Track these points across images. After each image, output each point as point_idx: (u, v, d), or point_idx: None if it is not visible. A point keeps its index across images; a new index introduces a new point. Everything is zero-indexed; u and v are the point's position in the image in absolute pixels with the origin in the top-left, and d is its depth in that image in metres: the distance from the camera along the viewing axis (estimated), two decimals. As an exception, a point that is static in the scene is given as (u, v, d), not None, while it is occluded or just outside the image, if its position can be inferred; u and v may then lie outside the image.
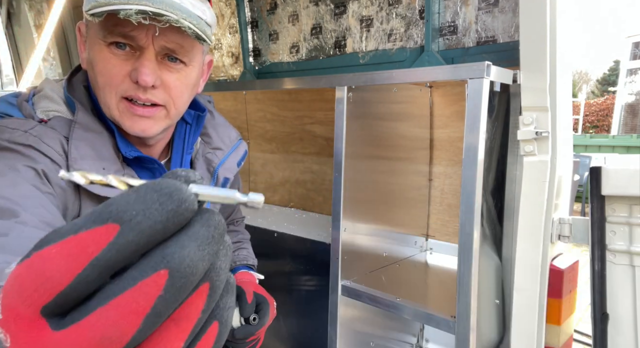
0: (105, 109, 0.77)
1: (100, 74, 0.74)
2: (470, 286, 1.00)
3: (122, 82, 0.74)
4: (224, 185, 0.99)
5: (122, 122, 0.76)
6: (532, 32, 0.98)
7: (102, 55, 0.73)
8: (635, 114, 13.61)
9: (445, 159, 1.51)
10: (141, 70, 0.72)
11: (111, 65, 0.73)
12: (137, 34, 0.71)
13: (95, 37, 0.73)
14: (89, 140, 0.75)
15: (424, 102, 1.49)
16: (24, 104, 0.77)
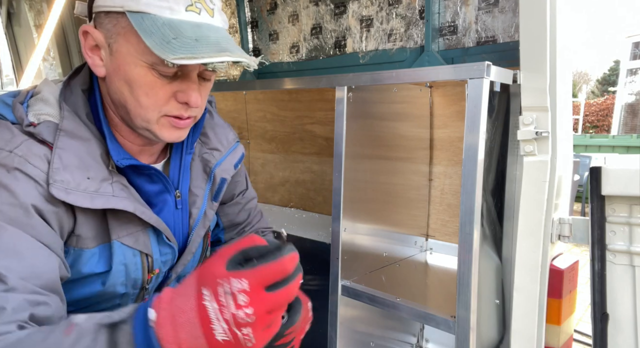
0: (142, 123, 0.77)
1: (145, 95, 0.74)
2: (470, 286, 1.00)
3: (167, 103, 0.76)
4: (221, 186, 0.98)
5: (160, 133, 0.78)
6: (532, 32, 0.98)
7: (147, 78, 0.73)
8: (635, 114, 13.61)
9: (445, 159, 1.51)
10: (192, 94, 0.75)
11: (157, 87, 0.74)
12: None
13: (134, 57, 0.72)
14: (73, 148, 0.74)
15: (424, 102, 1.49)
16: (17, 106, 0.76)
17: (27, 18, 2.82)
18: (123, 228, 0.79)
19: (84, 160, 0.74)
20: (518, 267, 1.06)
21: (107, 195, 0.75)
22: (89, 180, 0.73)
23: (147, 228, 0.82)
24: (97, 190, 0.74)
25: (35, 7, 2.78)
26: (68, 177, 0.71)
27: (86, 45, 0.76)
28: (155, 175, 0.84)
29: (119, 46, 0.73)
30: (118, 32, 0.72)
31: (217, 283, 0.52)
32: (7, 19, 2.88)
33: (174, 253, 0.89)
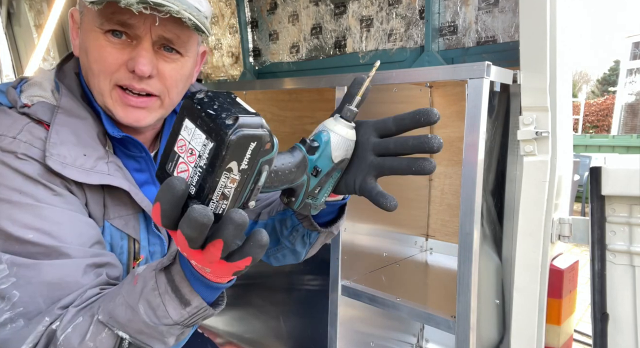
0: (99, 97, 0.77)
1: (95, 62, 0.73)
2: (470, 286, 1.00)
3: (118, 70, 0.74)
4: None
5: (115, 111, 0.76)
6: (532, 32, 0.98)
7: (98, 43, 0.72)
8: (635, 114, 13.61)
9: (445, 159, 1.51)
10: (138, 60, 0.72)
11: (107, 53, 0.73)
12: (135, 23, 0.71)
13: (90, 24, 0.73)
14: (71, 125, 0.75)
15: (424, 102, 1.49)
16: (10, 90, 0.77)
17: (27, 18, 2.82)
18: (115, 210, 0.79)
19: (81, 138, 0.75)
20: (518, 267, 1.06)
21: (103, 173, 0.75)
22: (85, 157, 0.74)
23: (137, 214, 0.82)
24: (93, 167, 0.74)
25: (35, 7, 2.78)
26: (65, 152, 0.72)
27: (73, 28, 0.78)
28: (144, 161, 0.84)
29: (84, 17, 0.75)
30: (84, 5, 0.73)
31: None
32: (7, 19, 2.88)
33: (162, 245, 0.88)
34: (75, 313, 0.63)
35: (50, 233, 0.67)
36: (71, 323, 0.62)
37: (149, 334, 0.61)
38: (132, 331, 0.61)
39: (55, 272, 0.65)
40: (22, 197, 0.67)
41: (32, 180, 0.69)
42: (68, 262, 0.67)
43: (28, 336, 0.62)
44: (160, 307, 0.60)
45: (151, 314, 0.60)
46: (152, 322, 0.60)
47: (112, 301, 0.62)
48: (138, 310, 0.60)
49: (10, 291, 0.63)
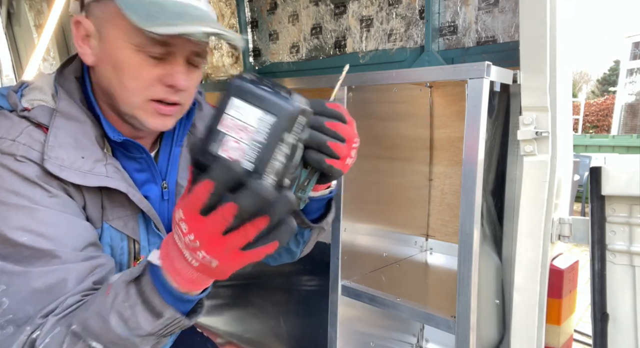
0: (126, 108, 0.78)
1: (130, 78, 0.75)
2: (470, 286, 1.00)
3: (153, 85, 0.76)
4: None
5: (145, 120, 0.79)
6: (532, 32, 0.98)
7: (133, 60, 0.74)
8: (635, 114, 13.61)
9: (445, 159, 1.51)
10: (179, 77, 0.76)
11: (144, 71, 0.75)
12: (177, 42, 0.74)
13: (120, 40, 0.73)
14: (69, 128, 0.76)
15: (424, 102, 1.49)
16: (11, 94, 0.78)
17: (27, 18, 2.82)
18: (114, 212, 0.80)
19: (79, 140, 0.76)
20: (518, 267, 1.06)
21: (101, 175, 0.76)
22: (83, 159, 0.75)
23: (136, 214, 0.83)
24: (90, 169, 0.75)
25: (35, 7, 2.78)
26: (63, 155, 0.73)
27: (78, 35, 0.77)
28: (144, 161, 0.85)
29: (108, 31, 0.74)
30: (107, 18, 0.74)
31: (174, 216, 0.56)
32: (7, 19, 2.88)
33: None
34: (54, 322, 0.63)
35: (44, 235, 0.67)
36: (49, 334, 0.62)
37: (123, 345, 0.61)
38: (105, 342, 0.61)
39: (44, 279, 0.65)
40: (18, 199, 0.68)
41: (30, 182, 0.70)
42: (59, 268, 0.67)
43: (12, 345, 0.62)
44: (131, 319, 0.59)
45: (123, 326, 0.60)
46: (124, 334, 0.60)
47: (86, 311, 0.62)
48: (109, 322, 0.60)
49: (0, 298, 0.64)
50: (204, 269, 0.55)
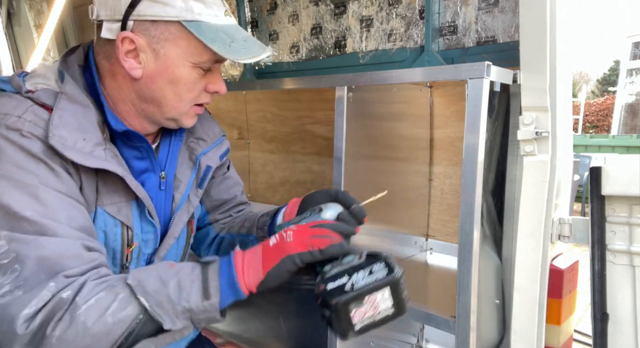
0: (174, 114, 0.88)
1: (185, 91, 0.85)
2: (470, 286, 1.00)
3: (201, 93, 0.88)
4: (206, 174, 1.02)
5: (185, 121, 0.90)
6: (532, 32, 0.98)
7: (191, 76, 0.84)
8: (635, 114, 13.61)
9: (445, 159, 1.51)
10: (222, 84, 0.89)
11: (197, 83, 0.86)
12: (223, 58, 0.85)
13: (181, 59, 0.82)
14: (72, 110, 0.79)
15: (424, 102, 1.49)
16: (14, 78, 0.81)
17: (27, 18, 2.82)
18: (108, 197, 0.83)
19: (81, 123, 0.79)
20: (518, 267, 1.06)
21: (100, 158, 0.79)
22: (85, 141, 0.78)
23: (130, 201, 0.86)
24: (91, 152, 0.78)
25: (35, 7, 2.78)
26: (65, 135, 0.75)
27: (123, 49, 0.81)
28: (145, 150, 0.89)
29: (167, 51, 0.82)
30: (166, 38, 0.81)
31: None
32: (7, 19, 2.88)
33: (155, 232, 0.92)
34: (94, 286, 0.68)
35: (45, 214, 0.70)
36: (93, 296, 0.67)
37: (166, 309, 0.69)
38: (153, 301, 0.69)
39: (54, 247, 0.68)
40: (24, 175, 0.71)
41: (35, 157, 0.72)
42: (65, 240, 0.70)
43: (31, 299, 0.64)
44: (186, 289, 0.70)
45: (176, 291, 0.70)
46: (174, 298, 0.69)
47: (144, 272, 0.72)
48: (168, 284, 0.70)
49: (12, 265, 0.66)
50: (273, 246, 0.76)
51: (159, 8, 0.79)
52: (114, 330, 0.67)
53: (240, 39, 0.83)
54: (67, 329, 0.65)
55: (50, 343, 0.64)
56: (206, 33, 0.80)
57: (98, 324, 0.66)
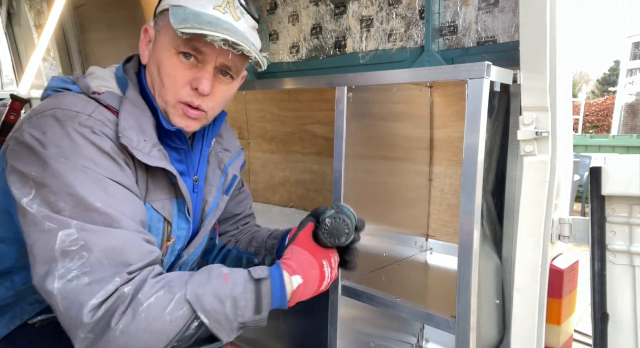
0: (161, 103, 0.90)
1: (166, 76, 0.88)
2: (470, 286, 1.00)
3: (183, 87, 0.88)
4: (233, 182, 1.11)
5: (172, 117, 0.90)
6: (532, 32, 0.98)
7: (171, 61, 0.87)
8: (635, 114, 13.61)
9: (445, 159, 1.51)
10: (202, 81, 0.87)
11: (177, 71, 0.87)
12: (206, 50, 0.86)
13: (166, 43, 0.87)
14: (134, 114, 0.86)
15: (424, 102, 1.49)
16: (79, 79, 0.88)
17: (27, 18, 2.82)
18: (156, 193, 0.90)
19: (142, 126, 0.87)
20: (518, 267, 1.06)
21: (157, 158, 0.87)
22: (145, 142, 0.85)
23: (172, 199, 0.94)
24: (149, 152, 0.85)
25: (35, 7, 2.78)
26: (131, 136, 0.83)
27: (143, 40, 0.93)
28: (184, 153, 0.97)
29: (160, 37, 0.89)
30: (162, 25, 0.88)
31: (329, 257, 0.94)
32: (7, 19, 2.88)
33: (188, 230, 0.99)
34: (153, 285, 0.73)
35: (113, 206, 0.75)
36: (153, 294, 0.72)
37: (224, 326, 0.76)
38: (211, 318, 0.74)
39: (119, 238, 0.74)
40: (97, 169, 0.76)
41: (106, 154, 0.79)
42: (129, 232, 0.76)
43: (99, 291, 0.69)
44: (241, 308, 0.77)
45: (233, 311, 0.76)
46: (231, 316, 0.76)
47: (201, 287, 0.76)
48: (225, 304, 0.76)
49: (80, 252, 0.70)
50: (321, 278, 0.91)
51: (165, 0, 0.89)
52: (171, 328, 0.72)
53: (204, 21, 0.82)
54: (130, 323, 0.69)
55: (114, 336, 0.68)
56: (177, 12, 0.83)
57: (157, 321, 0.71)
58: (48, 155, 0.74)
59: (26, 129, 0.78)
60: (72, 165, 0.74)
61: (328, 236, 0.93)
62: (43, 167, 0.74)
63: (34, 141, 0.76)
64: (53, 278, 0.69)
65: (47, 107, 0.80)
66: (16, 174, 0.76)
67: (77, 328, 0.68)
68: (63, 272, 0.69)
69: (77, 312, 0.68)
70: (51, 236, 0.70)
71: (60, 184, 0.73)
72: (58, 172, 0.73)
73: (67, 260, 0.70)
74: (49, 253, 0.70)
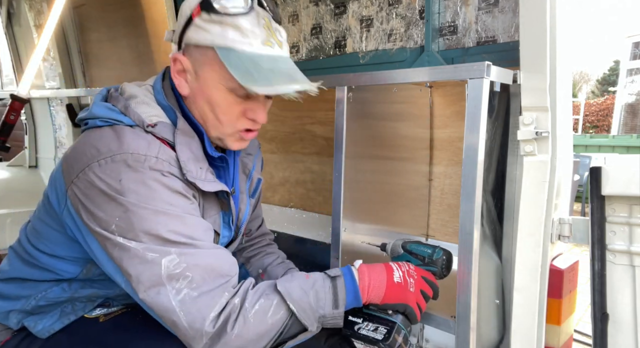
0: (217, 133, 0.95)
1: (223, 113, 0.91)
2: (470, 286, 1.00)
3: (239, 119, 0.93)
4: (258, 186, 1.17)
5: (229, 144, 0.96)
6: (532, 32, 0.99)
7: (226, 98, 0.90)
8: (635, 114, 13.61)
9: (445, 159, 1.51)
10: (260, 113, 0.94)
11: (233, 107, 0.91)
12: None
13: (215, 81, 0.88)
14: (187, 144, 0.90)
15: (424, 102, 1.49)
16: (130, 111, 0.89)
17: (27, 18, 2.82)
18: (208, 211, 0.96)
19: (195, 153, 0.91)
20: (518, 267, 1.06)
21: (213, 181, 0.92)
22: (201, 170, 0.91)
23: (219, 212, 0.99)
24: (206, 177, 0.91)
25: (35, 7, 2.78)
26: (192, 168, 0.88)
27: (175, 69, 0.92)
28: (224, 169, 1.01)
29: (205, 73, 0.89)
30: (205, 61, 0.88)
31: (399, 263, 0.99)
32: (7, 19, 2.88)
33: (229, 237, 1.06)
34: (253, 294, 0.84)
35: (194, 235, 0.83)
36: (257, 303, 0.83)
37: (308, 315, 0.85)
38: (298, 307, 0.84)
39: (211, 256, 0.84)
40: (173, 209, 0.83)
41: (179, 193, 0.85)
42: (214, 250, 0.85)
43: (214, 305, 0.80)
44: (322, 300, 0.87)
45: (315, 301, 0.86)
46: (314, 305, 0.86)
47: (289, 282, 0.87)
48: (309, 294, 0.86)
49: (184, 273, 0.80)
50: (397, 285, 0.94)
51: (200, 34, 0.87)
52: (271, 329, 0.83)
53: (266, 69, 0.85)
54: (242, 328, 0.80)
55: (230, 339, 0.79)
56: (233, 59, 0.84)
57: (262, 325, 0.82)
58: (129, 202, 0.80)
59: (99, 174, 0.82)
60: (153, 209, 0.81)
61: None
62: (127, 213, 0.80)
63: (110, 189, 0.81)
64: (169, 298, 0.79)
65: (114, 151, 0.83)
66: (95, 217, 0.82)
67: (201, 337, 0.79)
68: (175, 292, 0.79)
69: (201, 324, 0.78)
70: (155, 264, 0.79)
71: (146, 227, 0.80)
72: (142, 217, 0.80)
73: (173, 281, 0.79)
74: (157, 279, 0.79)
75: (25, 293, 0.97)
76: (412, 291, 0.94)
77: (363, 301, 0.91)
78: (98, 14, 2.63)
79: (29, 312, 0.97)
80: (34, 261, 0.96)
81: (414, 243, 1.07)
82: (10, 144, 2.68)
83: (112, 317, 1.00)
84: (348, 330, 0.95)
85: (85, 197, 0.83)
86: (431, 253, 1.03)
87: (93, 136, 0.87)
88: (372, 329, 0.95)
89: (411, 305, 0.94)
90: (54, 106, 2.93)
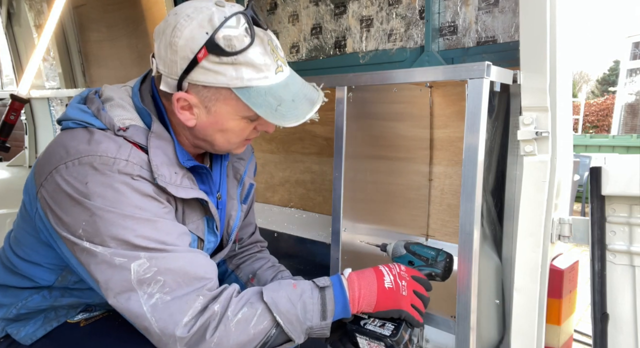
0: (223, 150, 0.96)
1: (235, 136, 0.92)
2: (470, 286, 1.00)
3: (250, 133, 0.94)
4: (249, 191, 1.14)
5: (236, 151, 0.98)
6: (532, 32, 0.98)
7: (240, 125, 0.90)
8: (635, 114, 13.61)
9: (445, 159, 1.51)
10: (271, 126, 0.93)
11: (245, 130, 0.92)
12: None
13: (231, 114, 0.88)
14: (161, 147, 0.88)
15: (424, 102, 1.49)
16: (102, 114, 0.87)
17: (27, 18, 2.82)
18: (190, 217, 0.94)
19: (169, 158, 0.89)
20: (518, 267, 1.06)
21: (187, 187, 0.90)
22: (176, 175, 0.88)
23: (203, 218, 0.97)
24: (181, 183, 0.89)
25: (35, 7, 2.78)
26: (165, 172, 0.86)
27: (178, 106, 0.88)
28: (206, 176, 0.98)
29: (218, 108, 0.87)
30: (218, 98, 0.86)
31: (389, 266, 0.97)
32: (7, 19, 2.88)
33: (215, 242, 1.04)
34: (237, 302, 0.83)
35: (167, 239, 0.81)
36: (240, 311, 0.82)
37: (295, 327, 0.84)
38: (285, 320, 0.83)
39: (184, 258, 0.82)
40: (143, 213, 0.80)
41: (149, 197, 0.82)
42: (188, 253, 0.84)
43: (188, 310, 0.78)
44: (309, 312, 0.86)
45: (303, 313, 0.85)
46: (301, 318, 0.85)
47: (275, 292, 0.86)
48: (296, 306, 0.85)
49: (156, 277, 0.78)
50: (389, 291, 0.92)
51: (211, 76, 0.83)
52: (254, 340, 0.81)
53: (288, 100, 0.85)
54: (223, 337, 0.78)
55: (209, 347, 0.78)
56: (254, 98, 0.83)
57: (244, 334, 0.80)
58: (95, 206, 0.78)
59: (65, 176, 0.80)
60: (121, 213, 0.79)
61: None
62: (93, 217, 0.78)
63: (76, 192, 0.79)
64: (140, 304, 0.77)
65: (82, 153, 0.81)
66: (62, 221, 0.80)
67: (175, 343, 0.77)
68: (147, 297, 0.77)
69: (173, 330, 0.77)
70: (124, 269, 0.77)
71: (113, 232, 0.78)
72: (108, 221, 0.78)
73: (144, 286, 0.78)
74: (126, 284, 0.77)
75: (7, 302, 0.96)
76: (404, 294, 0.92)
77: (353, 311, 0.90)
78: (98, 14, 2.63)
79: (12, 319, 0.96)
80: (14, 268, 0.95)
81: (417, 244, 1.06)
82: (10, 144, 2.68)
83: (93, 322, 1.00)
84: (354, 325, 0.94)
85: (52, 201, 0.81)
86: (435, 255, 1.03)
87: (64, 137, 0.85)
88: (379, 325, 0.94)
89: (406, 309, 0.92)
90: (54, 106, 2.94)
